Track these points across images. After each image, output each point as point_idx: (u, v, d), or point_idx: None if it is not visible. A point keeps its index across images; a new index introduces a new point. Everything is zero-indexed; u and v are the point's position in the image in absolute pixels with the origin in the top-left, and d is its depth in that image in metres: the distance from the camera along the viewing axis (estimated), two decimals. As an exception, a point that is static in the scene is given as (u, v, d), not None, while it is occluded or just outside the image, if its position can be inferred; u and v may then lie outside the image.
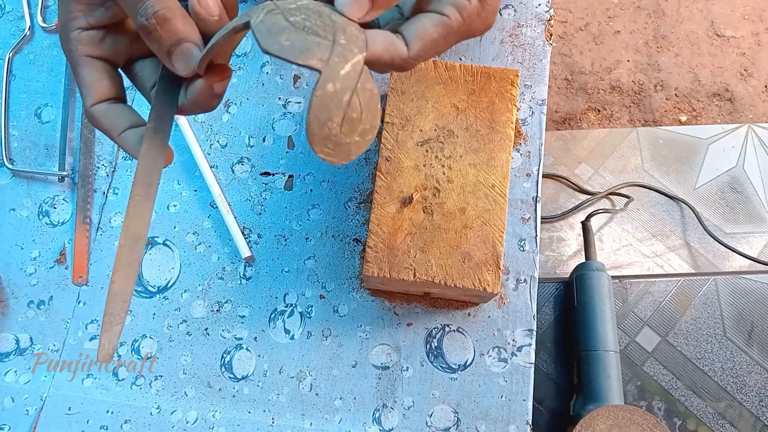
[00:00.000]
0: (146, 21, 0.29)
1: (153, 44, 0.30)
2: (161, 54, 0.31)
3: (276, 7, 0.30)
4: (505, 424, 0.53)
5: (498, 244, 0.51)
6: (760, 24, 1.42)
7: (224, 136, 0.61)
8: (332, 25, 0.29)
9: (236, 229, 0.57)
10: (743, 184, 1.10)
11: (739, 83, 1.35)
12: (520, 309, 0.56)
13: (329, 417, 0.54)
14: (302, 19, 0.29)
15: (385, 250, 0.50)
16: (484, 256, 0.50)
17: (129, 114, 0.34)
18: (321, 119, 0.29)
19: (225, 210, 0.57)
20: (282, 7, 0.30)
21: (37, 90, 0.63)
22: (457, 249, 0.50)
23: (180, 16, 0.30)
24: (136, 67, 0.35)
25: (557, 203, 1.08)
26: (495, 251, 0.51)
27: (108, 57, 0.34)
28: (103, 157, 0.61)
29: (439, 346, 0.55)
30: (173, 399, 0.54)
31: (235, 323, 0.56)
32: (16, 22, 0.65)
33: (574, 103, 1.34)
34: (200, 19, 0.31)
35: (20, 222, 0.59)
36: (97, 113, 0.34)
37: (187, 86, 0.32)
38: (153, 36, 0.30)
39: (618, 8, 1.44)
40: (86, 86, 0.33)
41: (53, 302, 0.57)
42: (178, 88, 0.33)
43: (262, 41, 0.28)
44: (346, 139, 0.30)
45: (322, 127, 0.29)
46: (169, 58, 0.30)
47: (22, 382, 0.55)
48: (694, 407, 0.79)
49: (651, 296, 0.84)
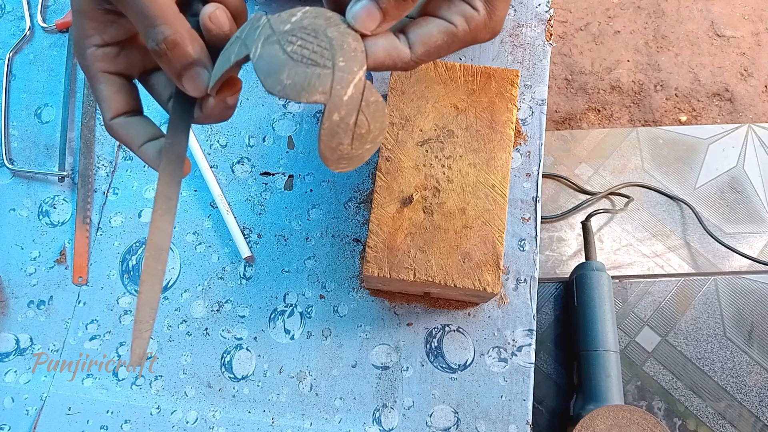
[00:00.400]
0: (157, 46, 0.30)
1: (165, 67, 0.31)
2: (173, 76, 0.31)
3: (272, 32, 0.29)
4: (505, 424, 0.53)
5: (498, 244, 0.51)
6: (760, 24, 1.42)
7: (224, 136, 0.61)
8: (329, 46, 0.29)
9: (236, 229, 0.57)
10: (743, 184, 1.10)
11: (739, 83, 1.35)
12: (520, 309, 0.56)
13: (329, 417, 0.54)
14: (299, 47, 0.29)
15: (385, 250, 0.50)
16: (484, 256, 0.50)
17: (147, 126, 0.35)
18: (332, 146, 0.30)
19: (225, 210, 0.57)
20: (277, 31, 0.30)
21: (37, 90, 0.63)
22: (457, 249, 0.51)
23: (189, 40, 0.30)
24: (151, 79, 0.36)
25: (557, 203, 1.08)
26: (495, 251, 0.51)
27: (123, 71, 0.35)
28: (103, 157, 0.61)
29: (439, 346, 0.55)
30: (173, 399, 0.54)
31: (235, 323, 0.56)
32: (16, 22, 0.65)
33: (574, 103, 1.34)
34: (212, 34, 0.31)
35: (20, 222, 0.59)
36: (116, 127, 0.34)
37: (201, 102, 0.33)
38: (164, 60, 0.31)
39: (618, 8, 1.44)
40: (104, 101, 0.34)
41: (53, 302, 0.57)
42: (193, 101, 0.34)
43: (264, 82, 0.29)
44: (358, 151, 0.31)
45: (334, 151, 0.30)
46: (180, 81, 0.31)
47: (22, 382, 0.55)
48: (694, 407, 0.79)
49: (651, 296, 0.84)
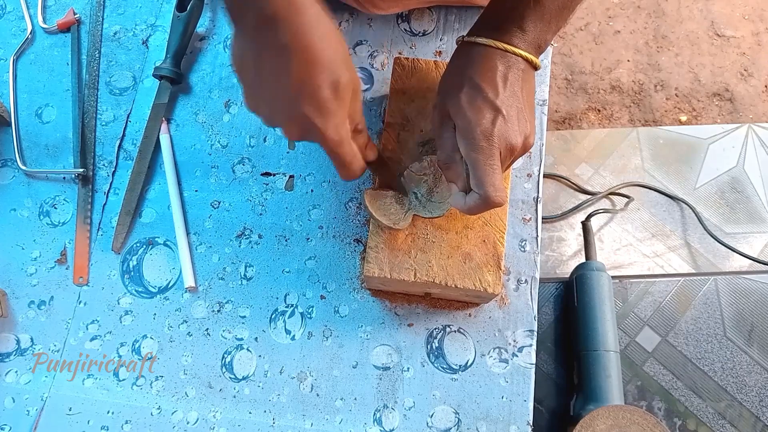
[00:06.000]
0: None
1: (338, 165, 0.45)
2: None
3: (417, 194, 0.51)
4: (505, 425, 0.53)
5: (499, 245, 0.51)
6: (760, 24, 1.42)
7: (225, 136, 0.61)
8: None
9: (187, 258, 0.57)
10: (743, 184, 1.10)
11: (739, 83, 1.35)
12: (521, 309, 0.56)
13: (330, 417, 0.54)
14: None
15: (385, 250, 0.50)
16: (485, 256, 0.50)
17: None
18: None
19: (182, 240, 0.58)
20: (420, 196, 0.51)
21: (37, 90, 0.63)
22: (458, 249, 0.50)
23: (359, 160, 0.45)
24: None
25: (557, 203, 1.08)
26: (496, 252, 0.51)
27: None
28: (103, 158, 0.61)
29: (439, 347, 0.55)
30: (174, 399, 0.54)
31: (235, 324, 0.56)
32: (17, 22, 0.64)
33: (574, 103, 1.34)
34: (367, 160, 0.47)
35: (21, 222, 0.59)
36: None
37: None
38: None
39: (618, 8, 1.44)
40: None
41: (54, 302, 0.57)
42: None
43: (425, 215, 0.51)
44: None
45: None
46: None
47: (22, 382, 0.55)
48: (694, 407, 0.79)
49: (651, 296, 0.84)
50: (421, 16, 0.64)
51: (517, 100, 0.45)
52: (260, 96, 0.41)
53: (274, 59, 0.37)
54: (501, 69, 0.44)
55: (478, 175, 0.43)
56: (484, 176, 0.43)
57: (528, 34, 0.45)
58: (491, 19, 0.47)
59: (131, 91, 0.63)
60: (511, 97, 0.44)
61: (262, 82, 0.39)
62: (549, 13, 0.45)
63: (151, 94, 0.61)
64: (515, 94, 0.45)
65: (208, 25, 0.64)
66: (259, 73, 0.39)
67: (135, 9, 0.65)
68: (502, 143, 0.43)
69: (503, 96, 0.44)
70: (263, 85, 0.39)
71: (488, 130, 0.43)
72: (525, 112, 0.45)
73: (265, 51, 0.37)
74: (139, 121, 0.61)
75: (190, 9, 0.60)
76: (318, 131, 0.40)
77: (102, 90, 0.63)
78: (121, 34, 0.64)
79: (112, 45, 0.64)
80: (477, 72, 0.44)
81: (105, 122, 0.62)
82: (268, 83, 0.39)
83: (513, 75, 0.45)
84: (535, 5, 0.45)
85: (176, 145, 0.61)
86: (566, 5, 0.46)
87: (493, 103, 0.43)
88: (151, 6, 0.65)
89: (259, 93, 0.40)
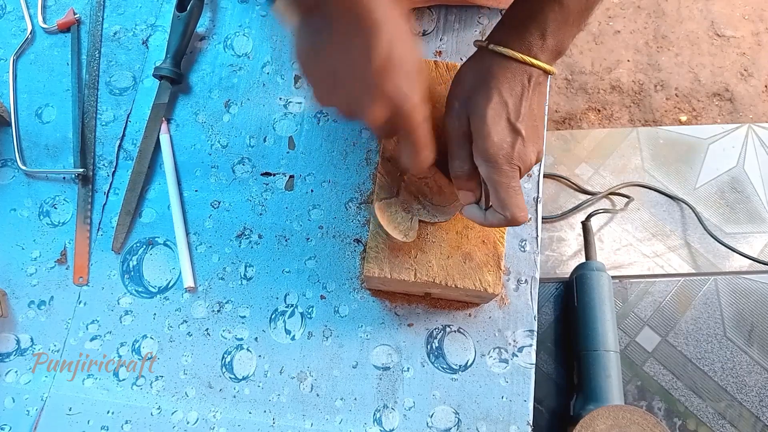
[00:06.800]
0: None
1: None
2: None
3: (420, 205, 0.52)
4: (506, 425, 0.53)
5: (499, 245, 0.51)
6: (760, 24, 1.42)
7: (225, 136, 0.61)
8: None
9: (186, 259, 0.57)
10: (743, 184, 1.10)
11: (739, 83, 1.35)
12: (521, 309, 0.56)
13: (330, 417, 0.54)
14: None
15: (385, 250, 0.50)
16: (485, 256, 0.50)
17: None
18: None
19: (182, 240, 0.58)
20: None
21: (37, 90, 0.63)
22: (458, 249, 0.50)
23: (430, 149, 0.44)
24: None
25: (557, 203, 1.08)
26: (496, 252, 0.51)
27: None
28: (103, 158, 0.61)
29: (439, 347, 0.55)
30: (174, 399, 0.54)
31: (235, 323, 0.56)
32: (17, 22, 0.64)
33: (574, 103, 1.34)
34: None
35: (21, 222, 0.59)
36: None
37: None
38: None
39: (618, 8, 1.44)
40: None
41: (54, 302, 0.57)
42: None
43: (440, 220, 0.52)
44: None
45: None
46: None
47: (22, 382, 0.55)
48: (694, 407, 0.79)
49: (651, 296, 0.84)
50: (420, 16, 0.64)
51: (534, 118, 0.45)
52: (337, 85, 0.40)
53: (354, 41, 0.37)
54: (524, 84, 0.44)
55: (501, 197, 0.44)
56: (508, 198, 0.43)
57: (549, 41, 0.45)
58: (514, 22, 0.46)
59: (131, 91, 0.63)
60: (529, 115, 0.44)
61: (339, 71, 0.38)
62: (572, 16, 0.45)
63: (151, 94, 0.61)
64: (532, 111, 0.45)
65: (208, 25, 0.64)
66: (335, 61, 0.38)
67: (135, 9, 0.65)
68: (521, 164, 0.44)
69: (523, 115, 0.44)
70: (341, 72, 0.38)
71: (510, 155, 0.43)
72: (539, 128, 0.45)
73: (343, 36, 0.37)
74: (139, 121, 0.61)
75: (190, 9, 0.60)
76: (408, 104, 0.39)
77: (102, 90, 0.63)
78: (121, 34, 0.64)
79: (112, 45, 0.64)
80: (502, 86, 0.44)
81: (105, 122, 0.62)
82: (348, 68, 0.38)
83: (532, 89, 0.45)
84: (559, 8, 0.44)
85: (176, 145, 0.61)
86: (588, 6, 0.45)
87: (514, 125, 0.44)
88: (151, 6, 0.65)
89: (334, 83, 0.39)
